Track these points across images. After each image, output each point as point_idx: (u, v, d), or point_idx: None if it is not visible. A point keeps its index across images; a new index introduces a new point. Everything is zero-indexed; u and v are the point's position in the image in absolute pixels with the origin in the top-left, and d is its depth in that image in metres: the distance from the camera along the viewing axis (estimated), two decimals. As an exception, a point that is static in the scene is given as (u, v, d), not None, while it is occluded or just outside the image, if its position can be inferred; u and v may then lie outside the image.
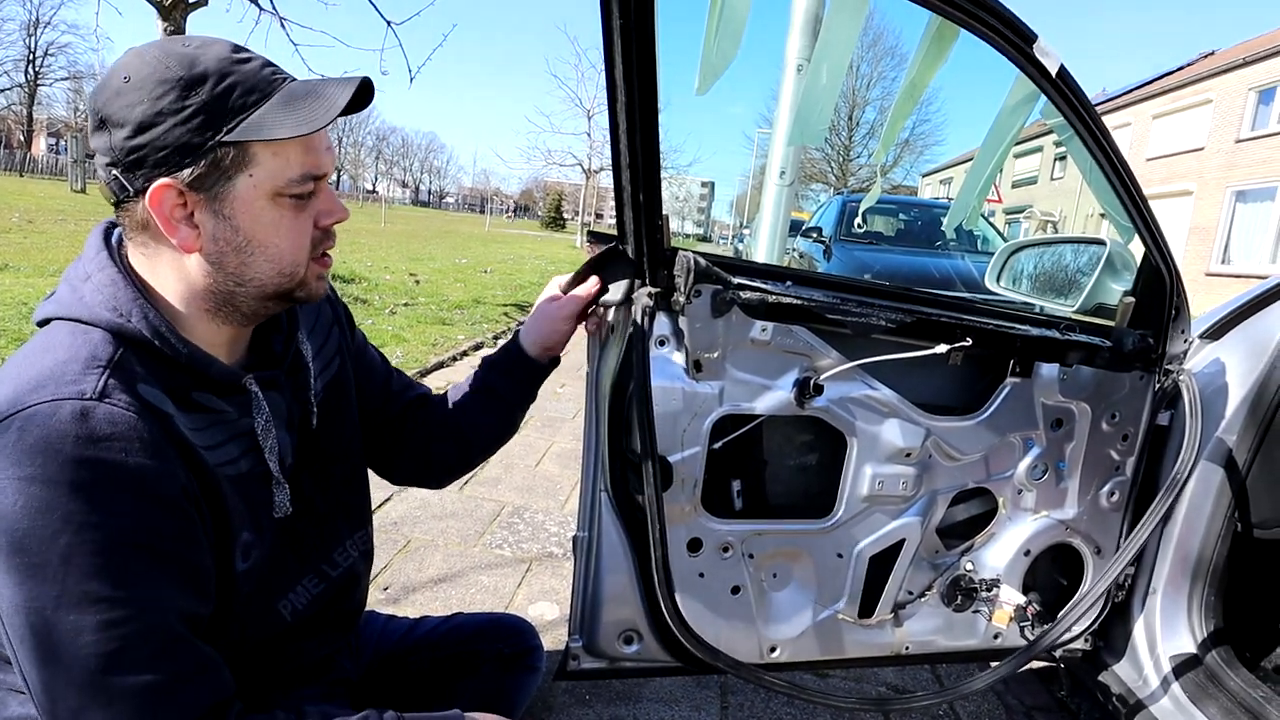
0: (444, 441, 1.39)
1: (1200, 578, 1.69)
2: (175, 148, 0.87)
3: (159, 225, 0.90)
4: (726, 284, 1.28)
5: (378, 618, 1.53)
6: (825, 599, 1.51)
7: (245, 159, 0.90)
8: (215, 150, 0.88)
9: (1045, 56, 1.25)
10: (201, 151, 0.87)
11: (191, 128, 0.86)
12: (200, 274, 0.94)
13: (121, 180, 0.89)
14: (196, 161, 0.88)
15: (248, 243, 0.93)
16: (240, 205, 0.91)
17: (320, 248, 1.01)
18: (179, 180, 0.88)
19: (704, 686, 2.07)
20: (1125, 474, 1.66)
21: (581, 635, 1.41)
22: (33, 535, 0.78)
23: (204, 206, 0.90)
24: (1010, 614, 1.59)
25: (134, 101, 0.86)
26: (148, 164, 0.87)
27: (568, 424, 4.54)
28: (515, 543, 2.89)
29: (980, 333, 1.44)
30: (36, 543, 0.78)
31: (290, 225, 0.95)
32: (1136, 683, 1.72)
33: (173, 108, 0.86)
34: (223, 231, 0.92)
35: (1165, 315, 1.58)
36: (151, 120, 0.86)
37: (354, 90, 0.92)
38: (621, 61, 1.07)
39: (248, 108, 0.89)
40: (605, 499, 1.35)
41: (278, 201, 0.93)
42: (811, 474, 1.52)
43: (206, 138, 0.87)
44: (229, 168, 0.89)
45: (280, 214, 0.94)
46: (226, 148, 0.88)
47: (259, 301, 0.98)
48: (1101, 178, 1.41)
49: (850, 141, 42.64)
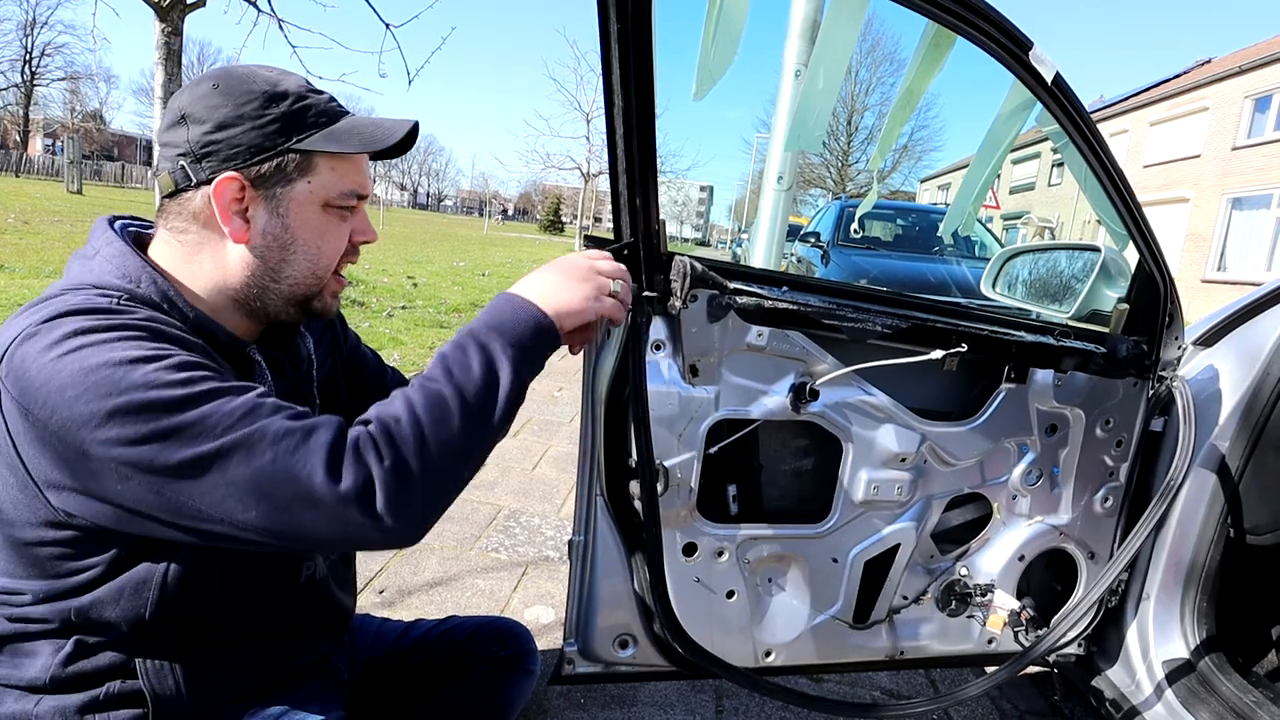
0: None
1: (1193, 583, 1.69)
2: (248, 147, 0.98)
3: (216, 213, 0.99)
4: (722, 289, 1.28)
5: (372, 620, 1.53)
6: (820, 604, 1.52)
7: (308, 167, 1.02)
8: (284, 155, 0.99)
9: (1041, 64, 1.25)
10: (272, 154, 0.99)
11: (267, 133, 0.98)
12: (240, 265, 1.02)
13: (188, 170, 0.98)
14: (266, 161, 0.99)
15: (293, 241, 1.03)
16: (295, 207, 1.02)
17: (345, 259, 1.11)
18: (246, 175, 0.98)
19: (699, 691, 2.07)
20: (1119, 480, 1.67)
21: (576, 639, 1.41)
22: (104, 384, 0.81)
23: (261, 203, 1.01)
24: (1004, 619, 1.59)
25: (219, 104, 0.98)
26: (218, 157, 0.98)
27: (565, 428, 4.54)
28: (511, 546, 2.89)
29: (975, 338, 1.44)
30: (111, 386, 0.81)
31: (332, 233, 1.07)
32: (1130, 688, 1.72)
33: (254, 114, 0.98)
34: (273, 228, 1.02)
35: (1159, 322, 1.58)
36: (233, 121, 0.98)
37: (409, 129, 1.06)
38: (619, 67, 1.07)
39: (319, 125, 1.02)
40: (601, 503, 1.35)
41: (327, 210, 1.05)
42: (807, 479, 1.52)
43: (279, 143, 0.99)
44: (291, 172, 1.01)
45: (327, 221, 1.06)
46: (294, 154, 1.00)
47: (284, 303, 1.06)
48: (1096, 184, 1.42)
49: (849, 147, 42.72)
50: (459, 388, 0.94)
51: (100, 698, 0.98)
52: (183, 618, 0.99)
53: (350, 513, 0.83)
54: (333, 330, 1.32)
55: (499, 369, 0.97)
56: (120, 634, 0.96)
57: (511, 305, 1.05)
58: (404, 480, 0.86)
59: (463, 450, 0.92)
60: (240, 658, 1.08)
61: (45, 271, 7.47)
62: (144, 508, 0.83)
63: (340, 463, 0.84)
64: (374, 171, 25.16)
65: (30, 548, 0.92)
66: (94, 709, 0.97)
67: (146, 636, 0.98)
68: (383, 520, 0.84)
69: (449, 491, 0.92)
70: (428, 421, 0.90)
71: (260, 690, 1.12)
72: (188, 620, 1.00)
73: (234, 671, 1.08)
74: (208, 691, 1.04)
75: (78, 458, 0.82)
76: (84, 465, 0.82)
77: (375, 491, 0.84)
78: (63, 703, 0.96)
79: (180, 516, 0.83)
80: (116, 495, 0.83)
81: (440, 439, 0.90)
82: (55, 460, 0.83)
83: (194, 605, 0.99)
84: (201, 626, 1.02)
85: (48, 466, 0.84)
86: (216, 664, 1.05)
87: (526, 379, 1.01)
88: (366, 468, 0.85)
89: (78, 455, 0.82)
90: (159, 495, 0.82)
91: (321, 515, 0.83)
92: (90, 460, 0.81)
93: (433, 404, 0.92)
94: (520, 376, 0.99)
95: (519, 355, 1.00)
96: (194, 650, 1.03)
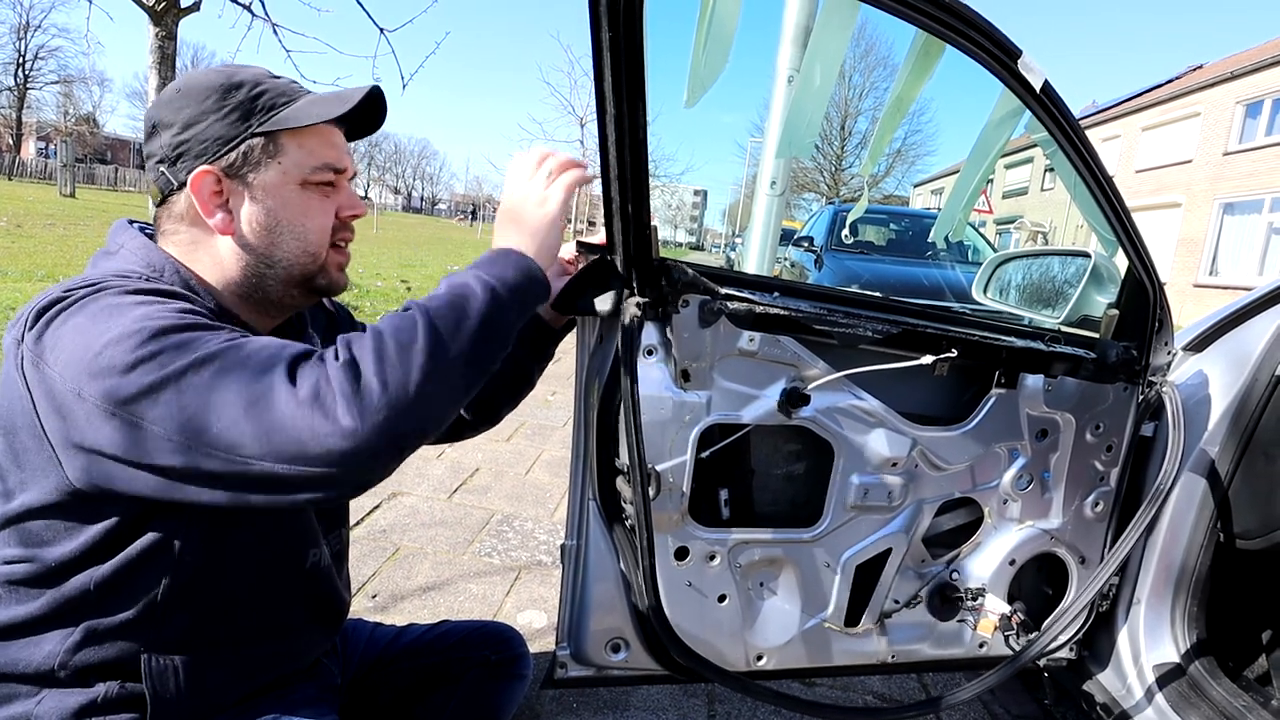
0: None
1: (1183, 588, 1.70)
2: (215, 139, 1.01)
3: (198, 209, 1.02)
4: (714, 294, 1.28)
5: (364, 625, 1.53)
6: (812, 608, 1.52)
7: (275, 149, 1.03)
8: (248, 139, 1.02)
9: (1029, 72, 1.26)
10: (237, 141, 1.01)
11: (229, 122, 1.01)
12: (234, 258, 1.05)
13: (168, 175, 1.02)
14: (233, 150, 1.01)
15: (277, 224, 1.05)
16: (272, 189, 1.04)
17: (338, 235, 1.12)
18: (217, 166, 1.01)
19: (691, 695, 2.07)
20: (1109, 484, 1.67)
21: (569, 643, 1.41)
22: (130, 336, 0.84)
23: (239, 192, 1.03)
24: (995, 623, 1.59)
25: (182, 105, 1.02)
26: (190, 155, 1.01)
27: (558, 432, 4.54)
28: (504, 551, 2.88)
29: (966, 344, 1.45)
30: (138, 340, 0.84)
31: (316, 210, 1.08)
32: (1120, 692, 1.73)
33: (214, 107, 1.01)
34: (256, 214, 1.04)
35: (1148, 327, 1.59)
36: (197, 118, 1.01)
37: (366, 92, 1.07)
38: (610, 74, 1.07)
39: (277, 106, 1.04)
40: (594, 508, 1.35)
41: (305, 188, 1.06)
42: (798, 483, 1.52)
43: (241, 130, 1.01)
44: (260, 156, 1.03)
45: (308, 199, 1.07)
46: (258, 138, 1.02)
47: (285, 286, 1.08)
48: (1085, 191, 1.43)
49: (842, 152, 42.79)
50: (426, 308, 0.92)
51: (99, 700, 0.97)
52: (194, 600, 1.00)
53: (307, 412, 0.81)
54: (337, 328, 1.34)
55: (471, 291, 0.96)
56: (130, 620, 0.97)
57: (490, 254, 1.06)
58: (358, 380, 0.83)
59: (429, 365, 0.87)
60: (242, 658, 1.09)
61: (38, 275, 7.44)
62: (151, 450, 0.82)
63: (300, 368, 0.84)
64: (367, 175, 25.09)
65: (46, 523, 0.93)
66: (93, 712, 0.97)
67: (156, 623, 0.98)
68: (340, 421, 0.81)
69: (414, 405, 0.86)
70: (389, 332, 0.88)
71: (255, 695, 1.12)
72: (198, 604, 1.01)
73: (234, 672, 1.08)
74: (207, 694, 1.05)
75: (94, 409, 0.83)
76: (89, 411, 0.83)
77: (331, 388, 0.82)
78: (63, 702, 0.96)
79: (184, 451, 0.82)
80: (124, 446, 0.83)
81: (401, 345, 0.87)
82: (75, 419, 0.84)
83: (205, 587, 1.00)
84: (210, 615, 1.03)
85: (71, 427, 0.85)
86: (219, 663, 1.05)
87: (508, 309, 0.99)
88: (322, 367, 0.84)
89: (93, 406, 0.83)
90: (141, 422, 0.82)
91: (286, 417, 0.81)
92: (93, 401, 0.83)
93: (399, 322, 0.90)
94: (496, 300, 0.97)
95: (500, 287, 0.98)
96: (199, 645, 1.03)
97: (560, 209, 1.11)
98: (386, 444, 0.83)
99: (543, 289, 1.07)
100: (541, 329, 1.43)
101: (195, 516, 0.97)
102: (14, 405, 0.90)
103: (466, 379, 0.93)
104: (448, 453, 3.87)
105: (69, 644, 0.96)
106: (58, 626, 0.96)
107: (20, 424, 0.90)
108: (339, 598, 1.26)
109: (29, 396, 0.88)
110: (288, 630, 1.15)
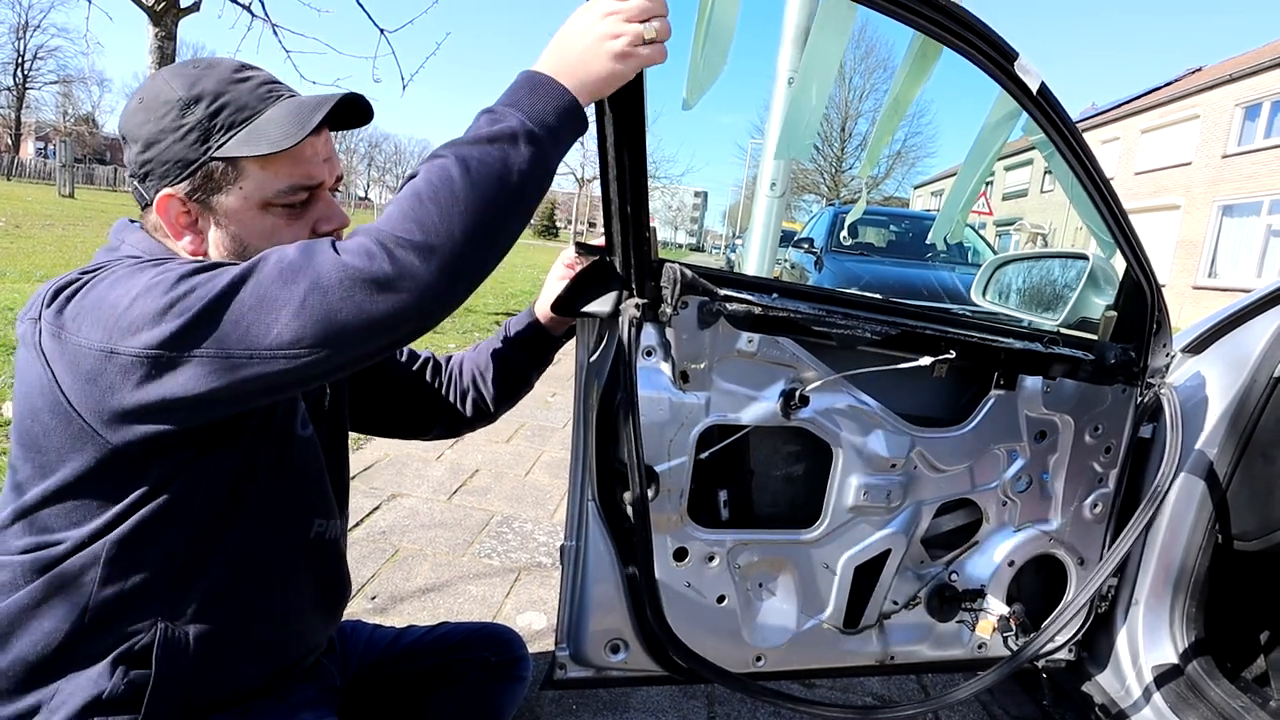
0: (464, 395, 1.48)
1: (1182, 589, 1.70)
2: (174, 162, 0.96)
3: (167, 231, 0.99)
4: (713, 295, 1.29)
5: (364, 626, 1.53)
6: (811, 609, 1.52)
7: (236, 172, 0.98)
8: (207, 164, 0.96)
9: (1026, 74, 1.26)
10: (196, 165, 0.96)
11: (187, 144, 0.96)
12: None
13: (140, 190, 0.99)
14: (192, 174, 0.96)
15: (244, 248, 1.01)
16: (234, 214, 0.99)
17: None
18: (179, 190, 0.97)
19: (690, 696, 2.07)
20: (1108, 486, 1.68)
21: (568, 644, 1.41)
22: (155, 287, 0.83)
23: (205, 215, 0.99)
24: (994, 624, 1.60)
25: (143, 120, 0.97)
26: (155, 176, 0.97)
27: (558, 433, 4.54)
28: (504, 552, 2.88)
29: (965, 345, 1.45)
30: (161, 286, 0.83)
31: (285, 233, 1.02)
32: (1119, 693, 1.73)
33: (172, 125, 0.96)
34: (222, 239, 1.00)
35: (1147, 329, 1.60)
36: (155, 137, 0.96)
37: (330, 107, 0.99)
38: None
39: (237, 125, 0.97)
40: (593, 509, 1.35)
41: (270, 210, 1.01)
42: (797, 484, 1.53)
43: (200, 153, 0.96)
44: (220, 180, 0.97)
45: (274, 222, 1.01)
46: (218, 162, 0.96)
47: None
48: (1082, 193, 1.43)
49: (842, 153, 42.81)
50: (465, 166, 0.87)
51: (104, 696, 0.96)
52: (208, 563, 1.00)
53: (361, 264, 0.81)
54: None
55: (515, 145, 0.90)
56: (148, 587, 0.97)
57: (531, 83, 0.95)
58: (408, 231, 0.83)
59: (473, 230, 0.86)
60: (250, 636, 1.08)
61: (36, 276, 7.44)
62: (186, 385, 0.83)
63: (339, 246, 0.84)
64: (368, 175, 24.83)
65: (63, 506, 0.94)
66: (97, 710, 0.96)
67: (174, 589, 0.98)
68: (398, 259, 0.82)
69: (464, 246, 0.85)
70: (424, 185, 0.86)
71: (254, 695, 1.12)
72: (212, 568, 1.01)
73: (242, 653, 1.08)
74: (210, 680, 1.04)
75: (134, 362, 0.82)
76: (128, 367, 0.83)
77: (376, 241, 0.83)
78: (72, 696, 0.95)
79: (221, 370, 0.82)
80: (171, 388, 0.83)
81: (441, 197, 0.85)
82: (109, 379, 0.84)
83: (220, 549, 1.01)
84: (223, 583, 1.02)
85: (108, 390, 0.84)
86: (226, 645, 1.05)
87: (551, 158, 0.94)
88: (362, 232, 0.85)
89: (133, 360, 0.82)
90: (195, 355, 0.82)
91: (335, 283, 0.81)
92: (133, 356, 0.82)
93: (433, 171, 0.87)
94: (540, 152, 0.91)
95: (538, 131, 0.92)
96: (210, 617, 1.02)
97: (613, 72, 0.97)
98: (450, 292, 0.86)
99: (583, 126, 0.99)
100: (541, 336, 1.43)
101: (218, 476, 0.98)
102: (33, 387, 0.90)
103: (509, 226, 0.91)
104: (447, 454, 3.87)
105: (83, 624, 0.95)
106: (70, 604, 0.95)
107: (41, 404, 0.90)
108: (342, 578, 1.27)
109: (49, 372, 0.87)
110: (293, 612, 1.15)
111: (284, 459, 1.07)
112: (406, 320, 0.84)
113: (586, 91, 0.96)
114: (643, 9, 0.95)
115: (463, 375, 1.48)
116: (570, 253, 1.36)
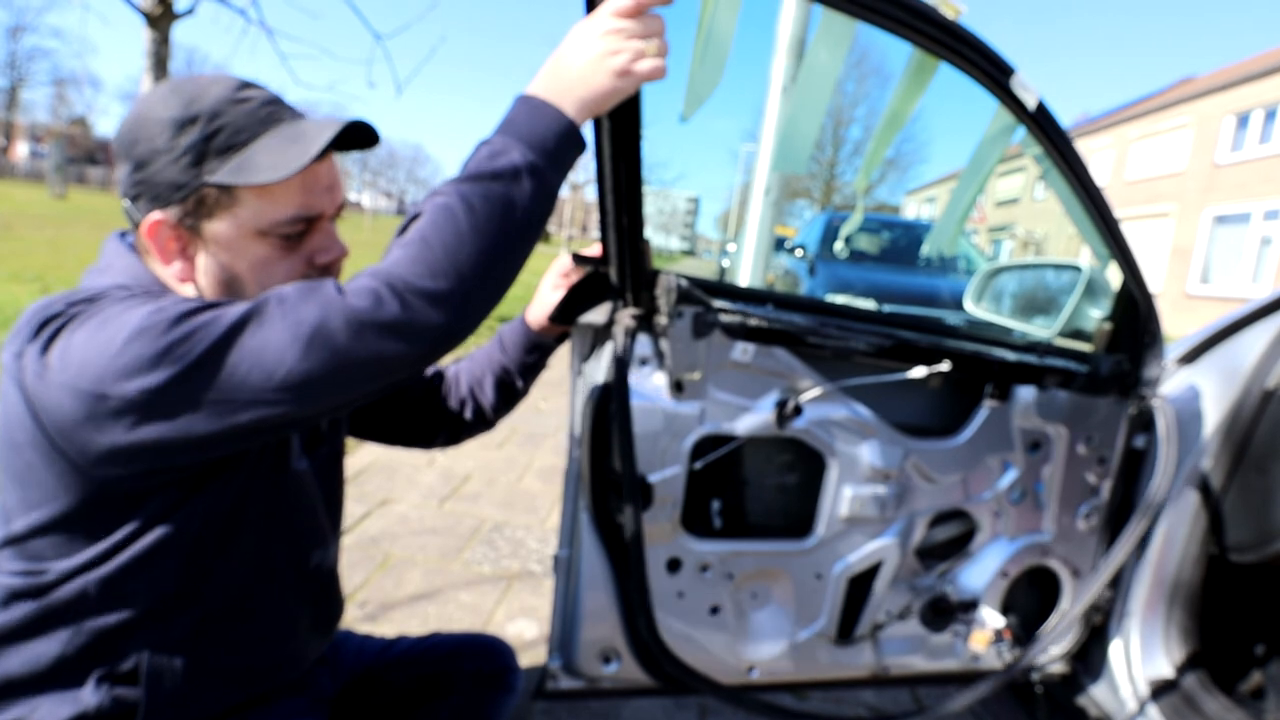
0: (463, 403, 1.47)
1: (1177, 601, 1.70)
2: (168, 184, 0.91)
3: (156, 256, 0.95)
4: (707, 305, 1.28)
5: (354, 637, 1.52)
6: (804, 620, 1.51)
7: (230, 199, 0.93)
8: (200, 190, 0.91)
9: (1023, 91, 1.26)
10: (188, 190, 0.91)
11: (180, 166, 0.91)
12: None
13: (131, 210, 0.94)
14: (184, 200, 0.92)
15: (233, 278, 0.96)
16: (225, 243, 0.95)
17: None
18: (169, 215, 0.92)
19: (683, 708, 2.06)
20: (1102, 497, 1.67)
21: (560, 654, 1.40)
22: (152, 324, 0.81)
23: (196, 242, 0.94)
24: (988, 636, 1.59)
25: (137, 139, 0.92)
26: (146, 197, 0.93)
27: (550, 440, 4.52)
28: (495, 559, 2.87)
29: (958, 356, 1.45)
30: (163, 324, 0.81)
31: (279, 264, 0.97)
32: (1114, 706, 1.72)
33: (165, 147, 0.91)
34: (212, 268, 0.96)
35: (1140, 341, 1.60)
36: (148, 158, 0.91)
37: (334, 134, 0.94)
38: None
39: (234, 148, 0.92)
40: (586, 518, 1.34)
41: (264, 240, 0.96)
42: (791, 495, 1.52)
43: (193, 177, 0.91)
44: (213, 207, 0.93)
45: (268, 252, 0.96)
46: (211, 188, 0.92)
47: None
48: (1078, 206, 1.43)
49: (835, 159, 42.93)
50: (470, 206, 0.87)
51: (92, 712, 0.94)
52: (201, 597, 0.98)
53: (369, 307, 0.81)
54: None
55: (517, 180, 0.90)
56: (137, 619, 0.95)
57: (528, 109, 0.94)
58: (416, 275, 0.83)
59: (482, 267, 0.86)
60: (242, 662, 1.07)
61: (27, 277, 7.40)
62: (182, 429, 0.81)
63: (345, 288, 0.83)
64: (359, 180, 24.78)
65: (52, 539, 0.91)
66: None
67: (164, 621, 0.96)
68: (408, 303, 0.82)
69: (472, 284, 0.85)
70: (429, 228, 0.86)
71: (245, 707, 1.10)
72: (205, 600, 0.99)
73: (230, 679, 1.06)
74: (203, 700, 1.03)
75: (126, 406, 0.80)
76: (121, 411, 0.80)
77: (385, 286, 0.82)
78: (56, 711, 0.94)
79: (220, 414, 0.81)
80: (166, 431, 0.81)
81: (448, 241, 0.85)
82: (102, 422, 0.81)
83: (213, 583, 0.99)
84: (216, 614, 1.01)
85: (97, 433, 0.82)
86: (216, 669, 1.03)
87: (554, 186, 0.93)
88: (369, 275, 0.84)
89: (126, 404, 0.80)
90: (194, 400, 0.80)
91: (342, 326, 0.80)
92: (126, 400, 0.80)
93: (437, 213, 0.87)
94: (543, 183, 0.91)
95: (539, 162, 0.91)
96: (203, 647, 1.01)
97: (614, 89, 0.95)
98: (460, 331, 0.86)
99: (582, 147, 0.98)
100: (535, 343, 1.43)
101: (210, 512, 0.95)
102: (14, 421, 0.87)
103: (516, 260, 0.91)
104: (439, 460, 3.85)
105: (71, 647, 0.93)
106: (59, 629, 0.93)
107: (23, 440, 0.87)
108: (336, 602, 1.26)
109: (30, 410, 0.84)
110: (287, 638, 1.14)
111: (279, 494, 1.06)
112: (415, 361, 0.84)
113: (586, 110, 0.95)
114: (643, 26, 0.95)
115: (461, 384, 1.48)
116: (565, 262, 1.36)
